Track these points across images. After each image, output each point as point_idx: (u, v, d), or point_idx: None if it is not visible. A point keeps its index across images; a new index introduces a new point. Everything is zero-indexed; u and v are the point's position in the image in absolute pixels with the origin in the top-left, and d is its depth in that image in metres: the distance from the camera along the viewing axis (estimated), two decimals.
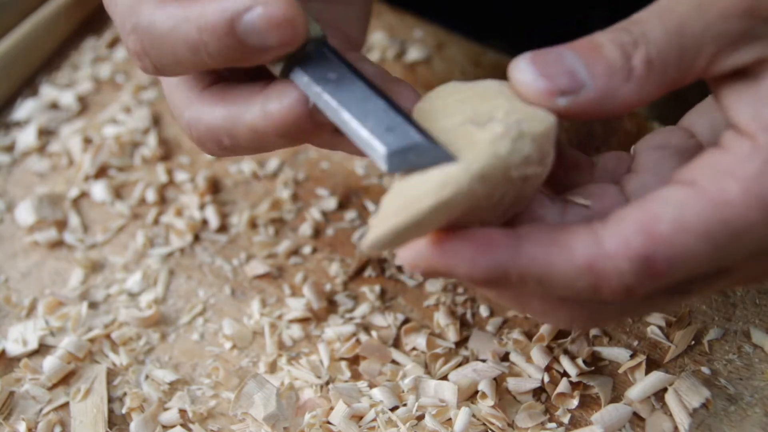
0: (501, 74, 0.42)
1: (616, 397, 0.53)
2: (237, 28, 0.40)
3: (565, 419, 0.52)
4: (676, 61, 0.39)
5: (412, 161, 0.39)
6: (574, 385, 0.53)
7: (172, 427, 0.55)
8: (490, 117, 0.39)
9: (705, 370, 0.53)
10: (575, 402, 0.52)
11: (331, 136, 0.47)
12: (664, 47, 0.39)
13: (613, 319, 0.43)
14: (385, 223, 0.37)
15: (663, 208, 0.37)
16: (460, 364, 0.56)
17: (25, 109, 0.76)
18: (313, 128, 0.44)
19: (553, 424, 0.52)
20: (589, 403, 0.53)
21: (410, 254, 0.38)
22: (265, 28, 0.40)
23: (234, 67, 0.45)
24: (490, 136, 0.38)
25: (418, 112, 0.42)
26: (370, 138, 0.40)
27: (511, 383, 0.53)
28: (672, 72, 0.39)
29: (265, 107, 0.44)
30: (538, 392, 0.54)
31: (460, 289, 0.60)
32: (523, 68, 0.40)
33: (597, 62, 0.39)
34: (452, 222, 0.38)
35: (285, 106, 0.43)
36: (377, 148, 0.40)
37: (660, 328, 0.55)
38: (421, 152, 0.39)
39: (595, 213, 0.42)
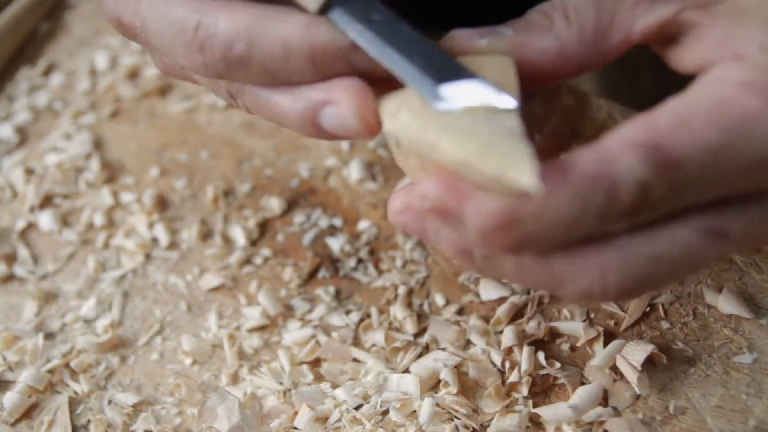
0: None
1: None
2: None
3: (531, 401, 0.52)
4: (594, 13, 0.41)
5: (467, 99, 0.39)
6: (542, 378, 0.53)
7: None
8: None
9: (662, 334, 0.54)
10: (525, 390, 0.52)
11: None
12: (581, 2, 0.41)
13: (649, 269, 0.38)
14: (517, 159, 0.35)
15: (660, 110, 0.37)
16: (420, 355, 0.56)
17: None
18: (346, 67, 0.43)
19: (520, 406, 0.52)
20: (556, 390, 0.53)
21: (425, 186, 0.37)
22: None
23: None
24: None
25: None
26: (422, 75, 0.40)
27: (471, 370, 0.53)
28: (590, 26, 0.41)
29: (309, 26, 0.42)
30: (503, 375, 0.54)
31: (413, 281, 0.60)
32: (451, 32, 0.43)
33: (517, 21, 0.42)
34: None
35: (331, 33, 0.42)
36: (430, 88, 0.39)
37: None
38: (476, 91, 0.39)
39: None
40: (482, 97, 0.39)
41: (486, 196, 0.36)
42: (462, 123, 0.38)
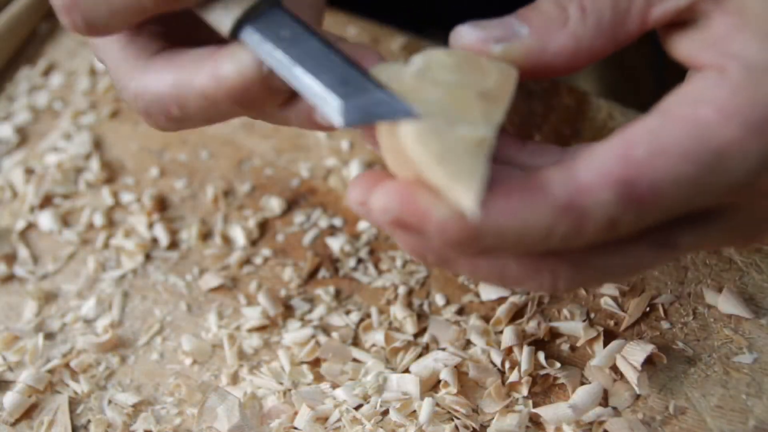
0: None
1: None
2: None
3: (531, 401, 0.52)
4: (611, 5, 0.40)
5: (369, 115, 0.38)
6: (542, 378, 0.53)
7: None
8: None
9: (662, 334, 0.54)
10: (525, 390, 0.52)
11: (284, 107, 0.45)
12: None
13: (597, 276, 0.40)
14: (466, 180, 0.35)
15: (638, 134, 0.36)
16: (420, 355, 0.56)
17: None
18: (266, 94, 0.42)
19: (520, 406, 0.52)
20: (556, 390, 0.53)
21: (384, 200, 0.36)
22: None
23: (184, 33, 0.44)
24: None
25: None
26: (325, 91, 0.39)
27: (471, 370, 0.53)
28: (608, 15, 0.40)
29: (216, 70, 0.42)
30: (503, 375, 0.54)
31: (413, 281, 0.60)
32: (461, 28, 0.42)
33: (532, 15, 0.41)
34: None
35: (237, 69, 0.41)
36: (331, 102, 0.38)
37: (614, 298, 0.56)
38: (379, 104, 0.38)
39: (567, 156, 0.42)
40: (387, 112, 0.38)
41: (446, 211, 0.36)
42: (434, 125, 0.37)
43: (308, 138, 0.70)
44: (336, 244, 0.63)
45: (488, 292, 0.58)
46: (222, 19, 0.42)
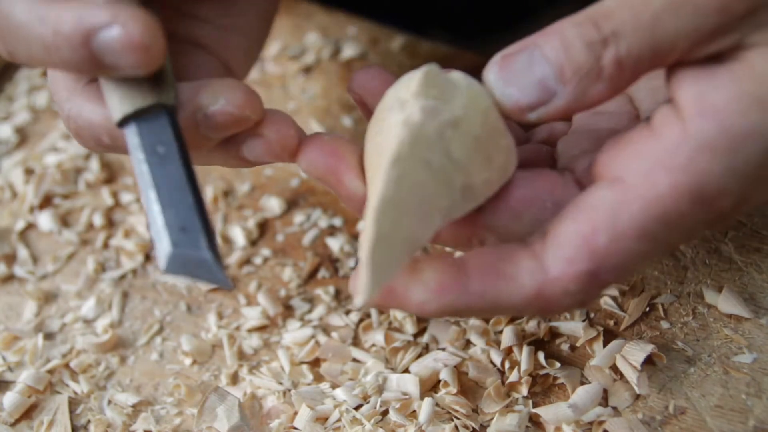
0: (439, 63, 0.42)
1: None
2: (92, 42, 0.39)
3: (530, 401, 0.52)
4: (649, 59, 0.38)
5: (189, 271, 0.38)
6: (542, 378, 0.53)
7: None
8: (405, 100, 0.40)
9: (662, 334, 0.54)
10: (524, 390, 0.52)
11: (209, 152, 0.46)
12: (635, 46, 0.37)
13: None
14: (362, 279, 0.36)
15: (598, 217, 0.38)
16: (420, 355, 0.56)
17: None
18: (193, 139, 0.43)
19: (520, 406, 0.52)
20: (556, 390, 0.53)
21: (363, 298, 0.37)
22: (120, 49, 0.38)
23: None
24: (402, 118, 0.38)
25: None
26: (163, 229, 0.39)
27: (471, 370, 0.53)
28: (643, 68, 0.38)
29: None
30: (503, 375, 0.54)
31: None
32: (493, 79, 0.40)
33: (566, 67, 0.38)
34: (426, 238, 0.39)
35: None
36: (164, 243, 0.39)
37: (613, 298, 0.56)
38: (201, 266, 0.38)
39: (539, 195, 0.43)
40: (206, 277, 0.39)
41: (423, 294, 0.39)
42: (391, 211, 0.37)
43: None
44: (336, 244, 0.63)
45: None
46: (115, 107, 0.42)
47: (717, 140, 0.37)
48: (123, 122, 0.42)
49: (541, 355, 0.53)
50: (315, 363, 0.57)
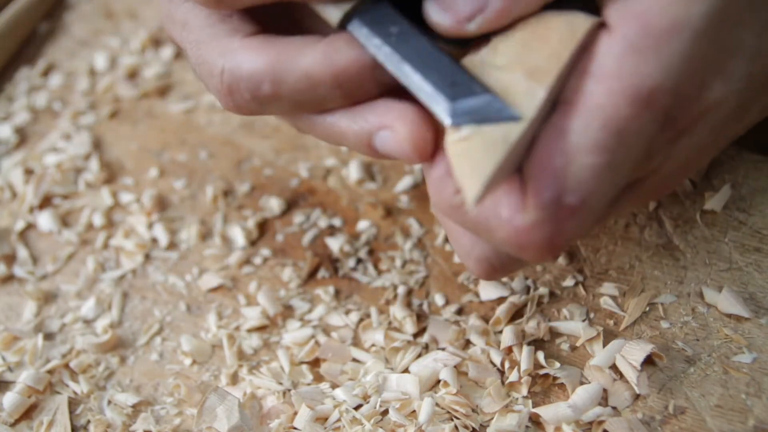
0: None
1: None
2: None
3: (530, 401, 0.52)
4: None
5: (477, 117, 0.39)
6: (542, 378, 0.53)
7: None
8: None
9: (661, 334, 0.54)
10: (524, 390, 0.52)
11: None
12: None
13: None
14: (476, 177, 0.37)
15: (549, 142, 0.39)
16: (420, 355, 0.56)
17: None
18: (372, 85, 0.43)
19: (519, 406, 0.52)
20: (556, 390, 0.53)
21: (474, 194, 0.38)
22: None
23: (278, 20, 0.46)
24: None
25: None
26: (434, 91, 0.40)
27: (471, 370, 0.53)
28: None
29: (328, 53, 0.43)
30: (503, 375, 0.54)
31: (412, 281, 0.60)
32: (429, 9, 0.41)
33: None
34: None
35: (351, 54, 0.42)
36: (441, 102, 0.39)
37: (613, 298, 0.55)
38: (487, 107, 0.39)
39: None
40: (492, 115, 0.39)
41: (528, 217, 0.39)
42: (470, 146, 0.38)
43: (307, 138, 0.70)
44: (335, 244, 0.63)
45: (488, 292, 0.58)
46: (332, 10, 0.43)
47: (641, 41, 0.37)
48: (343, 24, 0.43)
49: (541, 355, 0.53)
50: (315, 363, 0.57)
